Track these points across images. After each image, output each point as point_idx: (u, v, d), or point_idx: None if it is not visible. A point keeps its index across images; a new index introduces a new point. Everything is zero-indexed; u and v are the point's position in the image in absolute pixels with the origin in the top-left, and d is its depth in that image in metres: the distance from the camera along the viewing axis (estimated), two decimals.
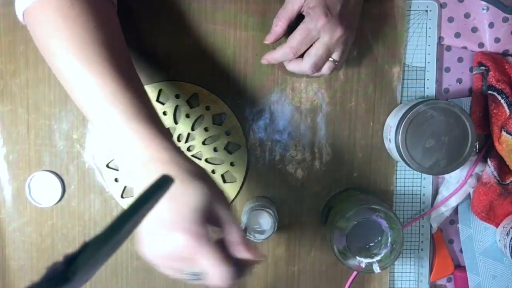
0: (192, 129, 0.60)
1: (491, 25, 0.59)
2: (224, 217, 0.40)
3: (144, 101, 0.44)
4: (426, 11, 0.59)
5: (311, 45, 0.52)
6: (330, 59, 0.53)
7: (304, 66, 0.53)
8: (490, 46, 0.60)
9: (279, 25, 0.53)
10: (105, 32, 0.45)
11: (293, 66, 0.54)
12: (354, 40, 0.55)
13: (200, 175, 0.40)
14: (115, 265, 0.62)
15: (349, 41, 0.54)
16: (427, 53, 0.60)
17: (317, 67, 0.52)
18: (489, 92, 0.58)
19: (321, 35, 0.51)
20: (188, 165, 0.41)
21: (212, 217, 0.40)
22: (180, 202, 0.38)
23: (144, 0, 0.58)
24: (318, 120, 0.60)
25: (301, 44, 0.51)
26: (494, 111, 0.57)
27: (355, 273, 0.61)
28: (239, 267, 0.39)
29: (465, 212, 0.62)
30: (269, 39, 0.55)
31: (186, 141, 0.60)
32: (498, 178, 0.58)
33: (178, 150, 0.42)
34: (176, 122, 0.59)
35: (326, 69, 0.53)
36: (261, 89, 0.60)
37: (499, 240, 0.60)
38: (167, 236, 0.37)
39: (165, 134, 0.42)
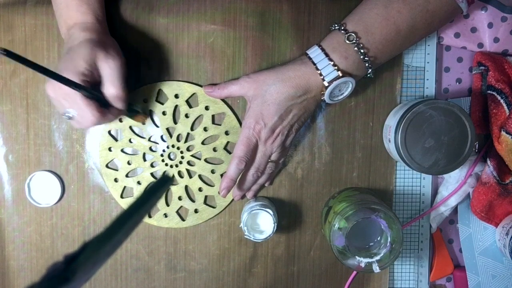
0: (192, 129, 0.60)
1: (490, 25, 0.59)
2: (105, 75, 0.49)
3: None
4: None
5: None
6: (269, 160, 0.56)
7: (248, 176, 0.56)
8: (489, 46, 0.60)
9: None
10: None
11: (238, 192, 0.58)
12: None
13: (106, 44, 0.50)
14: (115, 265, 0.62)
15: (287, 143, 0.56)
16: (427, 53, 0.60)
17: (260, 170, 0.56)
18: (489, 92, 0.58)
19: (258, 143, 0.55)
20: (102, 36, 0.51)
21: (95, 73, 0.49)
22: (72, 55, 0.48)
23: (144, 0, 0.58)
24: (318, 120, 0.60)
25: (247, 152, 0.54)
26: (494, 111, 0.57)
27: (354, 272, 0.61)
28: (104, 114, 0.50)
29: (465, 212, 0.62)
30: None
31: (186, 141, 0.60)
32: (498, 178, 0.58)
33: (101, 22, 0.53)
34: (175, 122, 0.59)
35: (268, 169, 0.57)
36: None
37: (499, 240, 0.60)
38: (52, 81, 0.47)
39: (92, 8, 0.52)
